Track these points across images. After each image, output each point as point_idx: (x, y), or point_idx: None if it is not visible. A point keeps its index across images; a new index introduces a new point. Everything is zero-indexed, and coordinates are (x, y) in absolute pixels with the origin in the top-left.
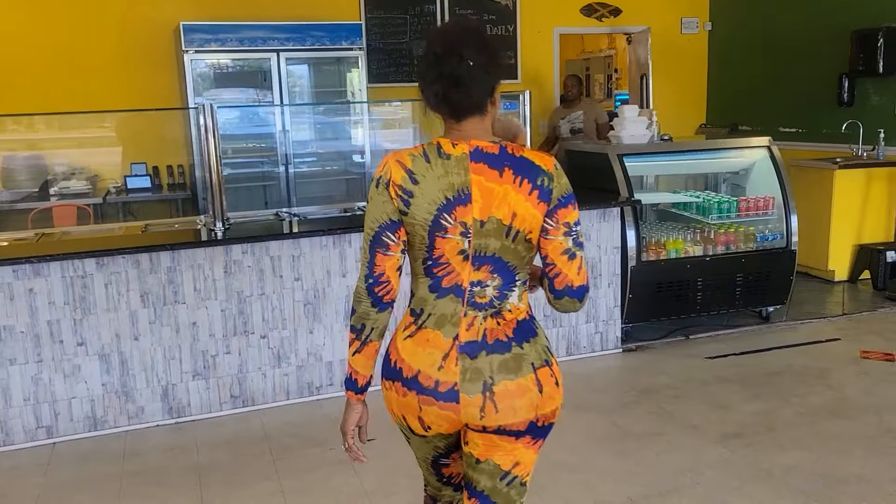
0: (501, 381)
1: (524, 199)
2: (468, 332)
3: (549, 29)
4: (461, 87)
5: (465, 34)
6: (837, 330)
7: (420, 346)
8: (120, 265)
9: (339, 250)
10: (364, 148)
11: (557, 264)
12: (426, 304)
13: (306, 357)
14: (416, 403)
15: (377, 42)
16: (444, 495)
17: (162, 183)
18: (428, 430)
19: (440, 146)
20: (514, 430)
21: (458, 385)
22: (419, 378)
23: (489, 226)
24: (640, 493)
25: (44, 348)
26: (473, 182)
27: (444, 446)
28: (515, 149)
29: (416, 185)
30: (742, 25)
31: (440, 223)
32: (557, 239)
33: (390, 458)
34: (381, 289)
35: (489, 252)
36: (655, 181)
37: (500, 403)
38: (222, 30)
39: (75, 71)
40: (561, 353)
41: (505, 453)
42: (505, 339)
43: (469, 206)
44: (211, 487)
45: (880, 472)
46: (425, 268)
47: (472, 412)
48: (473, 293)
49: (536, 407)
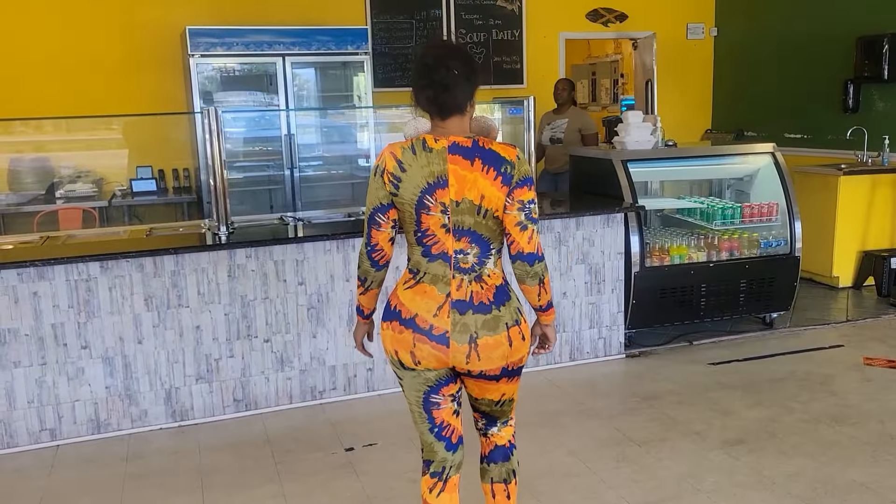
0: (483, 336)
1: (490, 183)
2: (458, 291)
3: (554, 34)
4: (447, 91)
5: (451, 50)
6: (841, 336)
7: (418, 295)
8: (124, 269)
9: (342, 255)
10: (369, 152)
11: (512, 234)
12: (421, 266)
13: (309, 361)
14: (411, 340)
15: (383, 46)
16: (437, 455)
17: (168, 186)
18: (417, 365)
19: (425, 141)
20: (491, 374)
21: (450, 333)
22: (416, 320)
23: (463, 205)
24: (642, 499)
25: (48, 351)
26: (450, 170)
27: (434, 378)
28: (486, 142)
29: (404, 172)
30: (748, 31)
31: (424, 202)
32: (513, 213)
33: (391, 462)
34: (376, 255)
35: (465, 226)
36: (660, 187)
37: (482, 354)
38: (228, 34)
39: (82, 74)
40: (564, 358)
41: (492, 391)
42: (487, 302)
43: (446, 189)
44: (213, 490)
45: (882, 480)
46: (416, 238)
47: (459, 358)
48: (458, 259)
49: (507, 357)
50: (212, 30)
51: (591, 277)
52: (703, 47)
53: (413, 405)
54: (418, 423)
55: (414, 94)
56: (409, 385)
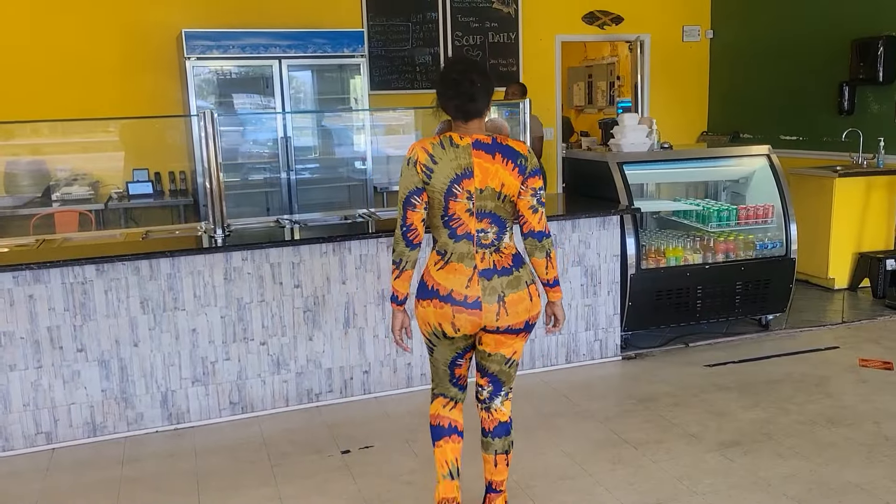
0: (509, 294)
1: (508, 173)
2: (482, 262)
3: (550, 36)
4: (472, 101)
5: (472, 65)
6: (836, 338)
7: (450, 273)
8: (120, 272)
9: (339, 257)
10: (366, 155)
11: (525, 215)
12: (448, 247)
13: (305, 364)
14: (451, 312)
15: (379, 49)
16: (450, 392)
17: (164, 189)
18: (457, 332)
19: (451, 138)
20: (516, 328)
21: (481, 297)
22: (453, 294)
23: (486, 192)
24: (638, 501)
25: (43, 354)
26: (475, 163)
27: (463, 347)
28: (502, 139)
29: (436, 164)
30: (743, 34)
31: (452, 191)
32: (526, 198)
33: (387, 465)
34: (411, 234)
35: (487, 210)
36: (655, 189)
37: (509, 309)
38: (224, 37)
39: (78, 77)
40: (560, 360)
41: (507, 347)
42: (508, 266)
43: (472, 179)
44: (209, 493)
45: (878, 481)
46: (444, 222)
47: (490, 317)
48: (480, 237)
49: (528, 310)
50: (208, 32)
51: (588, 279)
52: (699, 49)
53: (441, 365)
54: (442, 377)
55: (441, 102)
56: (443, 352)
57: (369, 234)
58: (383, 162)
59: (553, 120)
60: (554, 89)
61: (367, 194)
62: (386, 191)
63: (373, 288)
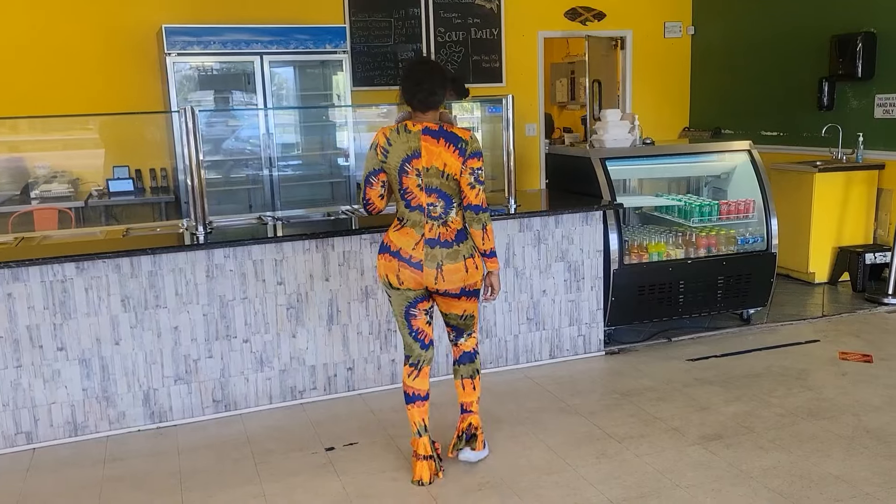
0: (446, 264)
1: (450, 155)
2: (430, 232)
3: (533, 32)
4: (432, 95)
5: (434, 66)
6: (817, 331)
7: (403, 236)
8: (100, 269)
9: (322, 254)
10: (349, 151)
11: (465, 191)
12: (404, 215)
13: (289, 361)
14: (397, 266)
15: (362, 45)
16: (414, 351)
17: (145, 186)
18: (401, 285)
19: (406, 126)
20: (453, 292)
21: (423, 261)
22: (401, 252)
23: (431, 171)
24: (621, 495)
25: (23, 353)
26: (422, 146)
27: (412, 297)
28: (448, 127)
29: (391, 146)
30: (725, 30)
31: (404, 168)
32: (465, 176)
33: (371, 461)
34: (370, 207)
35: (433, 186)
36: (638, 185)
37: (445, 276)
38: (205, 32)
39: (57, 73)
40: (544, 355)
41: (456, 307)
42: (449, 240)
43: (419, 159)
44: (193, 492)
45: (858, 473)
46: (400, 195)
47: (429, 279)
48: (429, 210)
49: (464, 279)
50: (188, 28)
51: (571, 275)
52: (681, 46)
53: (398, 315)
54: (402, 328)
55: (405, 94)
56: (396, 300)
57: (352, 231)
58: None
59: (536, 116)
60: (536, 85)
61: (349, 191)
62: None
63: (356, 284)
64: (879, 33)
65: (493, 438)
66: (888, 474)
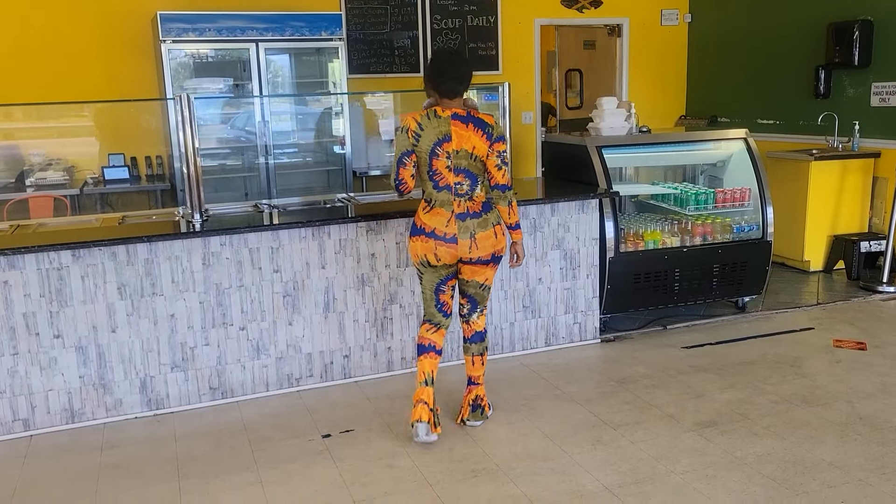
0: (479, 232)
1: (478, 139)
2: (458, 208)
3: (529, 20)
4: (460, 83)
5: (460, 55)
6: (811, 319)
7: (434, 216)
8: (96, 257)
9: (318, 242)
10: (345, 139)
11: (492, 172)
12: (433, 196)
13: (285, 349)
14: (434, 245)
15: (357, 32)
16: (435, 318)
17: (140, 174)
18: (438, 261)
19: (435, 111)
20: (485, 259)
21: (457, 234)
22: (436, 231)
23: (461, 153)
24: (616, 481)
25: (20, 341)
26: (452, 130)
27: (445, 274)
28: (475, 113)
29: (423, 131)
30: (721, 18)
31: (435, 151)
32: (493, 158)
33: (368, 448)
34: (402, 187)
35: (462, 167)
36: (634, 173)
37: (479, 244)
38: (200, 19)
39: (52, 60)
40: (540, 343)
41: (480, 275)
42: (478, 210)
43: (450, 142)
44: (189, 479)
45: (851, 459)
46: (429, 176)
47: (464, 250)
48: (456, 188)
49: (494, 245)
50: (183, 15)
51: (567, 263)
52: (678, 33)
53: (427, 291)
54: (428, 301)
55: (433, 82)
56: (428, 278)
57: (349, 219)
58: (362, 146)
59: (532, 104)
60: (533, 73)
61: (346, 178)
62: (365, 175)
63: (352, 272)
64: (876, 21)
65: (489, 425)
66: (881, 461)
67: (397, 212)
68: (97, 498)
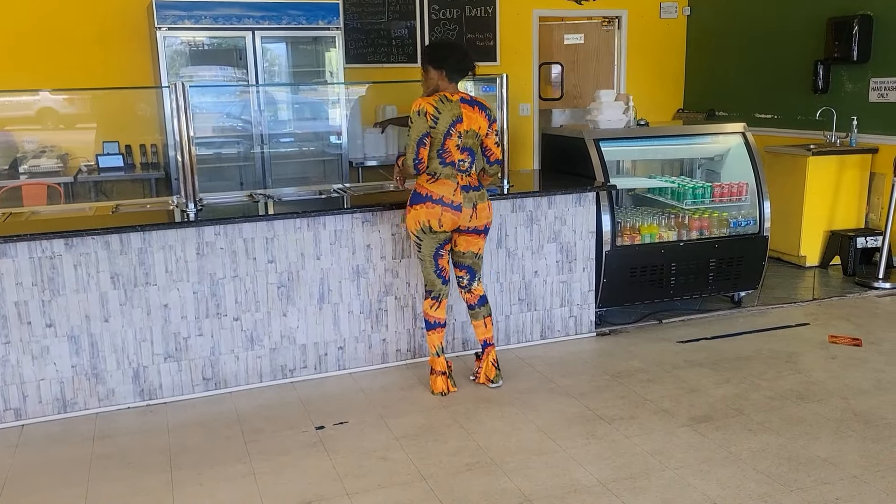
0: (479, 203)
1: (482, 119)
2: (462, 181)
3: (528, 11)
4: (470, 70)
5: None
6: (807, 315)
7: (441, 185)
8: (89, 246)
9: (313, 233)
10: (341, 129)
11: (491, 148)
12: (437, 171)
13: (279, 340)
14: (440, 211)
15: (355, 22)
16: (436, 286)
17: (135, 162)
18: (441, 227)
19: (446, 96)
20: (480, 228)
21: (462, 203)
22: (444, 199)
23: (469, 133)
24: (611, 476)
25: (11, 330)
26: (463, 113)
27: (442, 239)
28: (476, 98)
29: (440, 114)
30: (720, 11)
31: (449, 132)
32: (491, 137)
33: (362, 440)
34: (420, 166)
35: (468, 145)
36: (631, 166)
37: (479, 214)
38: (196, 6)
39: (46, 47)
40: (535, 336)
41: (474, 244)
42: (476, 185)
43: (462, 123)
44: (182, 469)
45: (845, 455)
46: (437, 153)
47: (465, 218)
48: (459, 164)
49: (487, 217)
50: (179, 2)
51: (563, 256)
52: (676, 26)
53: (427, 257)
54: (427, 268)
55: (447, 69)
56: (428, 244)
57: (344, 210)
58: (359, 136)
59: (530, 96)
60: (531, 65)
61: (342, 169)
62: (361, 165)
63: (347, 263)
64: (876, 16)
65: (483, 418)
66: (875, 457)
67: (393, 203)
68: (89, 488)
